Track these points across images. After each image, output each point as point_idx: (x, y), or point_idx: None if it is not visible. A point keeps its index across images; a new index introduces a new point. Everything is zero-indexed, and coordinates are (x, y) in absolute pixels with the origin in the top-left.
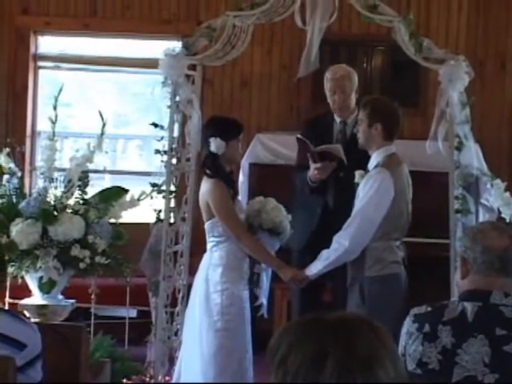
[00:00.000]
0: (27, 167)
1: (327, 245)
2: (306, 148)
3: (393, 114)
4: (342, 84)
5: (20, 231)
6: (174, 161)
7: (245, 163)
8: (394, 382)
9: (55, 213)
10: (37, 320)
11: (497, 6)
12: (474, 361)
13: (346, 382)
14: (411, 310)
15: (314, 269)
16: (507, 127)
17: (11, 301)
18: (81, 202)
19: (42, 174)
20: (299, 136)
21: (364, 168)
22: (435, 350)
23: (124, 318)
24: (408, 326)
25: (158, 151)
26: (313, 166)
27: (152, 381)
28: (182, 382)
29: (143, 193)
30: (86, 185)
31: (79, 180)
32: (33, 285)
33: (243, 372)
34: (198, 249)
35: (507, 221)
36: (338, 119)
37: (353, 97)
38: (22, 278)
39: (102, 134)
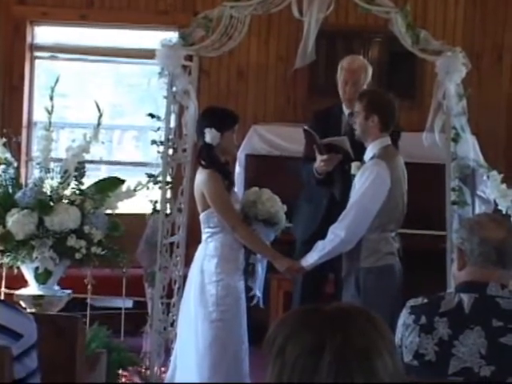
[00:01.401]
0: (23, 157)
1: None
2: (313, 140)
3: (389, 106)
4: (356, 76)
5: (16, 221)
6: (171, 151)
7: (241, 154)
8: (391, 372)
9: (51, 203)
10: (33, 310)
11: None
12: (470, 352)
13: (344, 373)
14: (408, 301)
15: (310, 259)
16: (504, 119)
17: (7, 291)
18: (77, 192)
19: (38, 164)
20: (306, 127)
21: None
22: (432, 341)
23: (120, 309)
24: (404, 317)
25: (154, 142)
26: (319, 157)
27: (148, 372)
28: (177, 372)
29: (139, 183)
30: (82, 175)
31: (75, 170)
32: (29, 275)
33: (239, 363)
34: (194, 240)
35: (504, 212)
36: (346, 111)
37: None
38: (18, 268)
39: (99, 124)
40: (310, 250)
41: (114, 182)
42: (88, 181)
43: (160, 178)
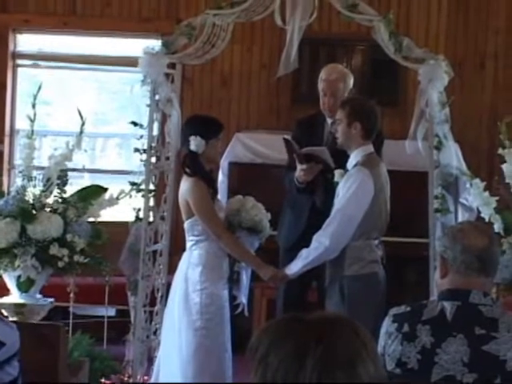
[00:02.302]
0: (6, 166)
1: None
2: (292, 149)
3: (371, 114)
4: (335, 87)
5: None
6: (154, 159)
7: (224, 162)
8: (374, 381)
9: (34, 211)
10: (15, 319)
11: (476, 5)
12: (453, 360)
13: (327, 380)
14: (390, 310)
15: (294, 267)
16: (486, 127)
17: None
18: (59, 200)
19: (20, 172)
20: (285, 137)
21: None
22: (414, 349)
23: (103, 317)
24: (387, 326)
25: (137, 150)
26: (299, 167)
27: (130, 380)
28: (161, 380)
29: (122, 191)
30: (64, 183)
31: (58, 178)
32: (11, 283)
33: (223, 371)
34: (177, 248)
35: (486, 220)
36: (329, 120)
37: None
38: (0, 276)
39: (81, 132)
40: (293, 258)
41: (96, 190)
42: (71, 189)
43: (143, 186)
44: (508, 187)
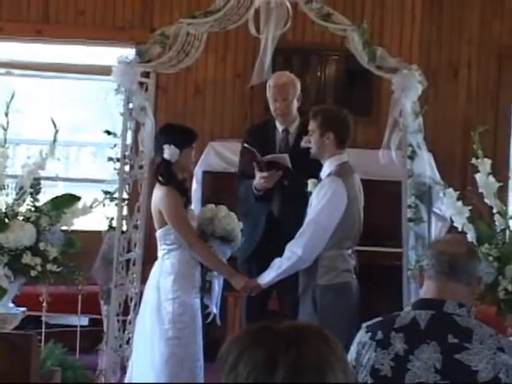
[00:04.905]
0: None
1: (272, 253)
2: (253, 157)
3: (343, 122)
4: (284, 91)
5: None
6: (127, 168)
7: (198, 171)
8: None
9: (6, 220)
10: None
11: (449, 15)
12: (425, 367)
13: None
14: (363, 324)
15: (267, 277)
16: (460, 136)
17: None
18: (32, 209)
19: None
20: (246, 145)
21: (308, 176)
22: (388, 356)
23: (75, 326)
24: (360, 337)
25: (110, 158)
26: (259, 174)
27: None
28: None
29: (96, 200)
30: (37, 192)
31: (31, 187)
32: None
33: (195, 380)
34: (150, 257)
35: (459, 229)
36: (280, 127)
37: (294, 104)
38: None
39: (55, 140)
40: (251, 269)
41: (69, 199)
42: (45, 197)
43: (116, 195)
44: (481, 197)
